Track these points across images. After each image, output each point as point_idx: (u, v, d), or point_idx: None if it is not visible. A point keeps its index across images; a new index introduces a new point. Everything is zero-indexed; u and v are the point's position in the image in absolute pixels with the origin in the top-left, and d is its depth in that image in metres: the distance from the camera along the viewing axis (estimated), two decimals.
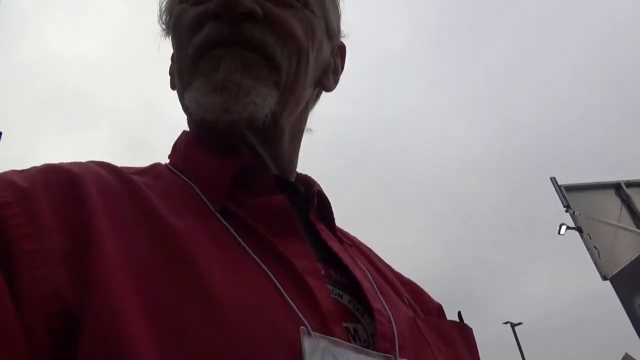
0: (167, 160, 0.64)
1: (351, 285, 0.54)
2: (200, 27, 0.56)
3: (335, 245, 0.58)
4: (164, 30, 0.68)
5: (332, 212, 0.65)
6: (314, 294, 0.47)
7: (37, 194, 0.47)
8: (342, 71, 0.72)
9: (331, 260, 0.56)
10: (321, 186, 0.66)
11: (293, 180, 0.65)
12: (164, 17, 0.67)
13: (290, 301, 0.45)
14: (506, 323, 21.90)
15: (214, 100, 0.53)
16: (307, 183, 0.67)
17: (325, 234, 0.60)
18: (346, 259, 0.56)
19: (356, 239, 0.74)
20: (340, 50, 0.73)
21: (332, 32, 0.68)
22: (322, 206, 0.65)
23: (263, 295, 0.45)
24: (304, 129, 0.68)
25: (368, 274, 0.59)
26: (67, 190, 0.49)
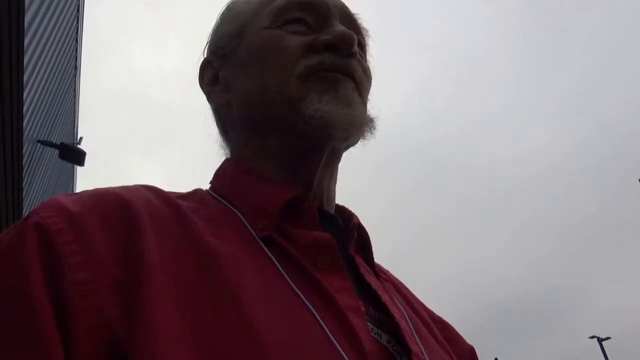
0: (207, 187, 0.65)
1: (389, 325, 0.53)
2: (308, 53, 0.61)
3: (373, 281, 0.57)
4: (224, 46, 0.69)
5: (370, 246, 0.65)
6: (357, 334, 0.46)
7: (89, 219, 0.47)
8: None
9: (369, 296, 0.55)
10: (359, 218, 0.66)
11: (333, 212, 0.66)
12: (226, 38, 0.69)
13: (335, 341, 0.44)
14: (592, 337, 20.60)
15: (347, 113, 0.58)
16: (345, 214, 0.66)
17: (363, 268, 0.59)
18: (384, 297, 0.55)
19: (389, 273, 0.72)
20: None
21: None
22: (360, 239, 0.64)
23: (307, 334, 0.45)
24: None
25: (404, 313, 0.58)
26: (120, 215, 0.49)
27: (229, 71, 0.68)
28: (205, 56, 0.73)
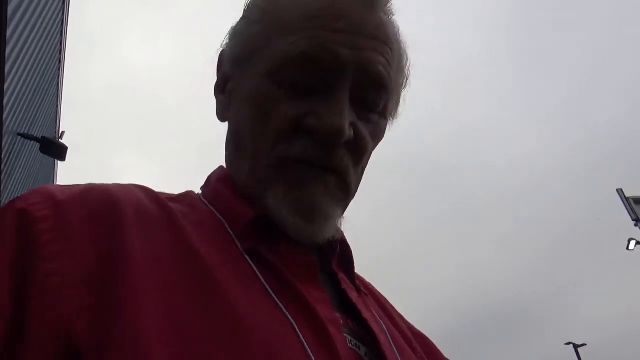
0: (199, 191, 0.65)
1: (368, 339, 0.53)
2: (290, 132, 0.55)
3: (354, 296, 0.58)
4: (236, 62, 0.63)
5: (353, 261, 0.65)
6: (334, 344, 0.47)
7: (75, 211, 0.48)
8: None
9: (349, 311, 0.56)
10: (343, 233, 0.64)
11: None
12: (238, 57, 0.62)
13: (309, 350, 0.45)
14: (568, 344, 20.89)
15: (300, 225, 0.54)
16: None
17: (345, 283, 0.60)
18: (364, 312, 0.56)
19: (371, 286, 0.73)
20: None
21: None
22: (343, 254, 0.64)
23: (285, 343, 0.45)
24: None
25: (385, 327, 0.59)
26: (106, 212, 0.49)
27: (233, 87, 0.63)
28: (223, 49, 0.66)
